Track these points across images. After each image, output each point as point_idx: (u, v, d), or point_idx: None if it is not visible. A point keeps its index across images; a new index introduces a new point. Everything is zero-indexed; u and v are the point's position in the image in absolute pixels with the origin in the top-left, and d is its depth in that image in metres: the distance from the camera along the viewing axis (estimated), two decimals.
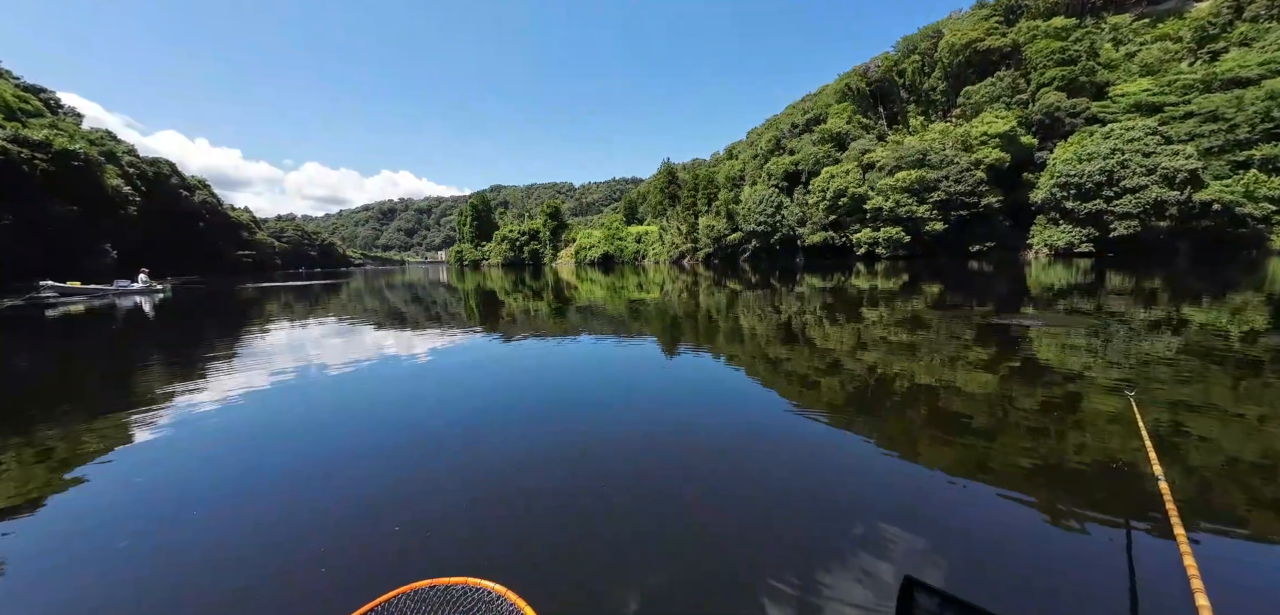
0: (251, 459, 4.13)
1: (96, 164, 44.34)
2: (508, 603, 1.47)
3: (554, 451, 4.09)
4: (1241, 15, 49.64)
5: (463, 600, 1.51)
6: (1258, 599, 2.21)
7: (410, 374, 7.10)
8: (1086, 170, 40.62)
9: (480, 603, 1.50)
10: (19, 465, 4.05)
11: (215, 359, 8.34)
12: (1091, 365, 6.09)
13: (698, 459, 3.86)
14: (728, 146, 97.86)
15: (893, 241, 49.37)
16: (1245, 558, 2.49)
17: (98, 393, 6.57)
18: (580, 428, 4.67)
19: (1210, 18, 50.82)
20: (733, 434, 4.40)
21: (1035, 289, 16.16)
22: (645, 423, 4.73)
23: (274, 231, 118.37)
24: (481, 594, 1.50)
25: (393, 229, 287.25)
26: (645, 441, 4.26)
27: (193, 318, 15.70)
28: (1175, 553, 1.28)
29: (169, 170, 68.29)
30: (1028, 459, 3.60)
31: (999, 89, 54.97)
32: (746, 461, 3.77)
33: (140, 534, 2.99)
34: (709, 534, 2.79)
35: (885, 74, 71.38)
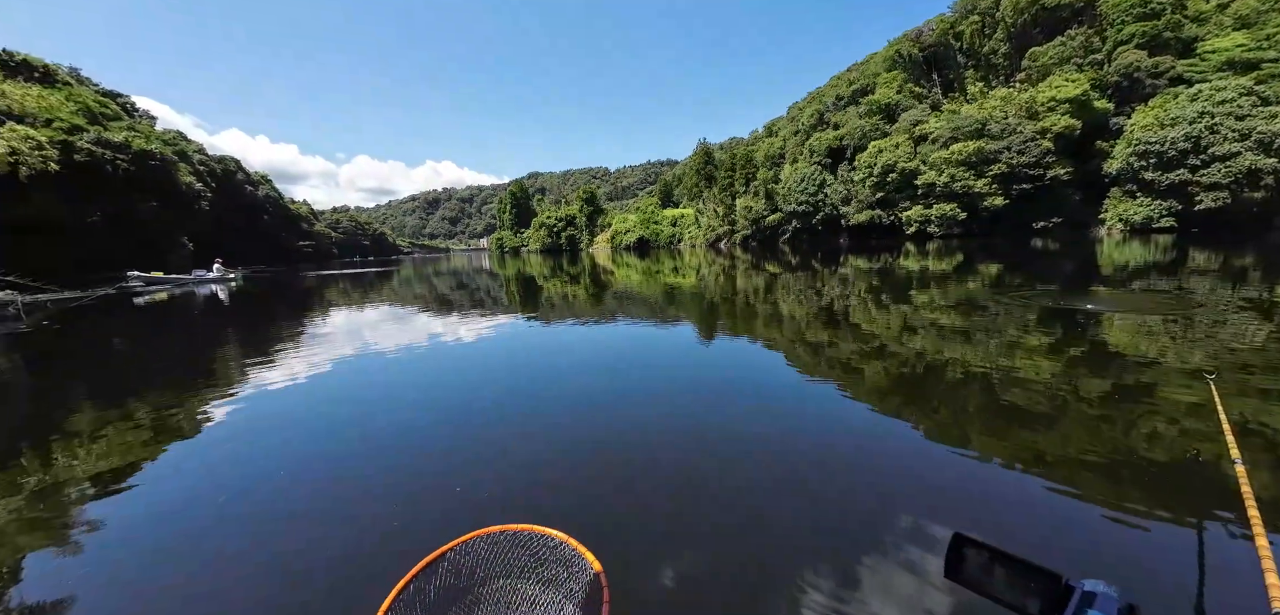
0: (329, 425, 4.59)
1: (171, 163, 48.09)
2: (570, 549, 1.61)
3: (599, 427, 4.25)
4: None
5: (530, 544, 1.67)
6: None
7: (462, 353, 7.50)
8: (1169, 136, 36.88)
9: (546, 548, 1.66)
10: (134, 431, 4.54)
11: (292, 339, 9.00)
12: (1168, 350, 5.61)
13: (737, 439, 3.85)
14: (767, 124, 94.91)
15: (946, 219, 46.72)
16: None
17: (195, 369, 7.23)
18: (621, 405, 4.78)
19: None
20: (772, 415, 4.35)
21: (1107, 268, 14.97)
22: (683, 401, 4.78)
23: (330, 223, 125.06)
24: (546, 540, 1.65)
25: (438, 218, 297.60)
26: (684, 418, 4.32)
27: (265, 304, 16.93)
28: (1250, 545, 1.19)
29: (235, 167, 73.20)
30: (1092, 449, 3.38)
31: (1070, 49, 50.41)
32: (786, 442, 3.73)
33: (242, 492, 3.41)
34: (750, 508, 2.80)
35: (940, 37, 66.58)
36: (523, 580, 1.69)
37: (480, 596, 1.66)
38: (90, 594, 2.43)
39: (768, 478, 3.27)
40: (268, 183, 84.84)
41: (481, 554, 1.66)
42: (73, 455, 4.12)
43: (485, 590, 1.67)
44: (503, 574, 1.69)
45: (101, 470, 3.81)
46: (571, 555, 1.60)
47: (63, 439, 4.49)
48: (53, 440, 4.47)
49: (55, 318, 13.54)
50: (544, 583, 1.67)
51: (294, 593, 2.36)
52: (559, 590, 1.64)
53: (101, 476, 3.70)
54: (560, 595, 1.64)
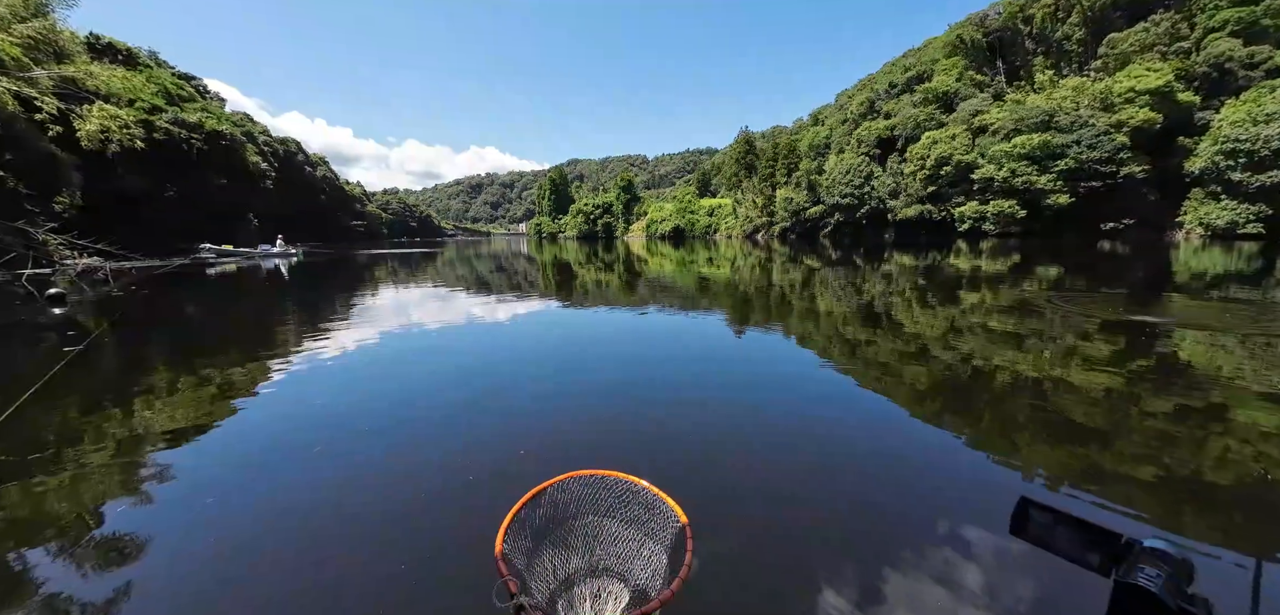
0: (407, 386, 5.06)
1: (239, 142, 51.29)
2: (652, 495, 1.82)
3: (634, 409, 4.33)
4: None
5: (616, 488, 1.91)
6: None
7: (513, 330, 7.89)
8: (1261, 134, 33.33)
9: (630, 493, 1.89)
10: (229, 386, 4.97)
11: (360, 313, 9.58)
12: (1244, 368, 5.16)
13: (767, 434, 3.83)
14: (813, 112, 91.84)
15: (1004, 216, 43.98)
16: None
17: (276, 334, 7.82)
18: (655, 392, 4.82)
19: None
20: (805, 416, 4.29)
21: (1182, 276, 13.80)
22: (714, 390, 4.77)
23: (381, 204, 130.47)
24: (631, 486, 1.89)
25: (480, 202, 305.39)
26: (717, 408, 4.34)
27: (327, 279, 17.95)
28: None
29: (296, 148, 77.34)
30: (1147, 469, 3.18)
31: (1154, 35, 46.11)
32: (821, 442, 3.68)
33: (330, 441, 3.81)
34: (787, 502, 2.80)
35: (1008, 21, 61.92)
36: (609, 518, 1.94)
37: (573, 527, 1.94)
38: (172, 536, 2.69)
39: (807, 465, 3.27)
40: (325, 164, 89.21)
41: (575, 492, 1.91)
42: (154, 409, 4.55)
43: (577, 522, 1.94)
44: (592, 510, 1.95)
45: (190, 421, 4.19)
46: (654, 500, 1.82)
47: (150, 394, 4.95)
48: (137, 394, 4.94)
49: (139, 284, 14.82)
50: (627, 521, 1.92)
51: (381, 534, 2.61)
52: (640, 529, 1.89)
53: (193, 426, 4.08)
54: (641, 533, 1.88)
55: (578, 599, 1.84)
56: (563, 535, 1.92)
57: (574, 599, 1.84)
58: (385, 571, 2.33)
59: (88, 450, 3.69)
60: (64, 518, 2.84)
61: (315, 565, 2.42)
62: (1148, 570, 0.62)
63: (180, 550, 2.56)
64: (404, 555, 2.44)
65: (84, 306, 10.62)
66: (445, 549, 2.52)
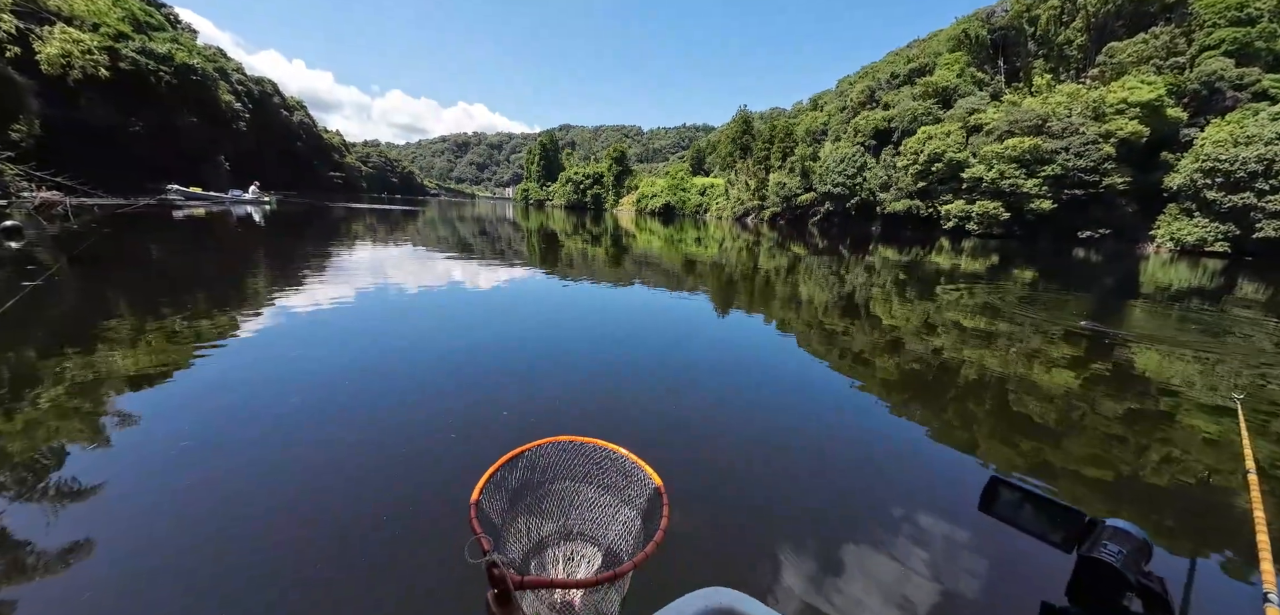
0: (386, 343, 5.01)
1: (212, 79, 48.82)
2: (630, 462, 1.83)
3: (618, 361, 4.34)
4: None
5: (594, 455, 1.90)
6: None
7: (493, 296, 7.74)
8: (1240, 155, 34.33)
9: (608, 459, 1.88)
10: (199, 334, 4.82)
11: (334, 268, 9.34)
12: (1196, 379, 5.40)
13: (742, 411, 3.90)
14: (813, 96, 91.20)
15: (987, 217, 44.73)
16: None
17: (248, 284, 7.59)
18: (636, 365, 4.83)
19: None
20: (780, 394, 4.37)
21: (1148, 287, 14.29)
22: (694, 367, 4.82)
23: (361, 156, 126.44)
24: (608, 453, 1.88)
25: (465, 162, 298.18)
26: (696, 383, 4.39)
27: (302, 230, 17.42)
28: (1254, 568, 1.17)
29: (272, 89, 74.04)
30: (1097, 468, 3.33)
31: (1152, 48, 46.58)
32: (790, 425, 3.76)
33: (305, 393, 3.79)
34: (754, 480, 2.86)
35: (1014, 19, 61.64)
36: (586, 484, 1.95)
37: (549, 491, 1.95)
38: (125, 485, 2.64)
39: (778, 444, 3.34)
40: (302, 109, 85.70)
41: (552, 457, 1.91)
42: (118, 353, 4.40)
43: (554, 486, 1.95)
44: (568, 476, 1.95)
45: (157, 366, 4.07)
46: (631, 467, 1.82)
47: (112, 338, 4.79)
48: (99, 336, 4.77)
49: (101, 222, 14.19)
50: (604, 488, 1.92)
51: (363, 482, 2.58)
52: (618, 496, 1.90)
53: (162, 372, 3.96)
54: (618, 500, 1.89)
55: (550, 561, 1.86)
56: (538, 499, 1.92)
57: (546, 561, 1.86)
58: (364, 524, 2.33)
59: (44, 392, 3.56)
60: (15, 460, 2.75)
61: (292, 519, 2.40)
62: (1110, 545, 0.66)
63: (140, 501, 2.50)
64: (384, 508, 2.44)
65: (42, 242, 10.15)
66: (425, 504, 2.54)
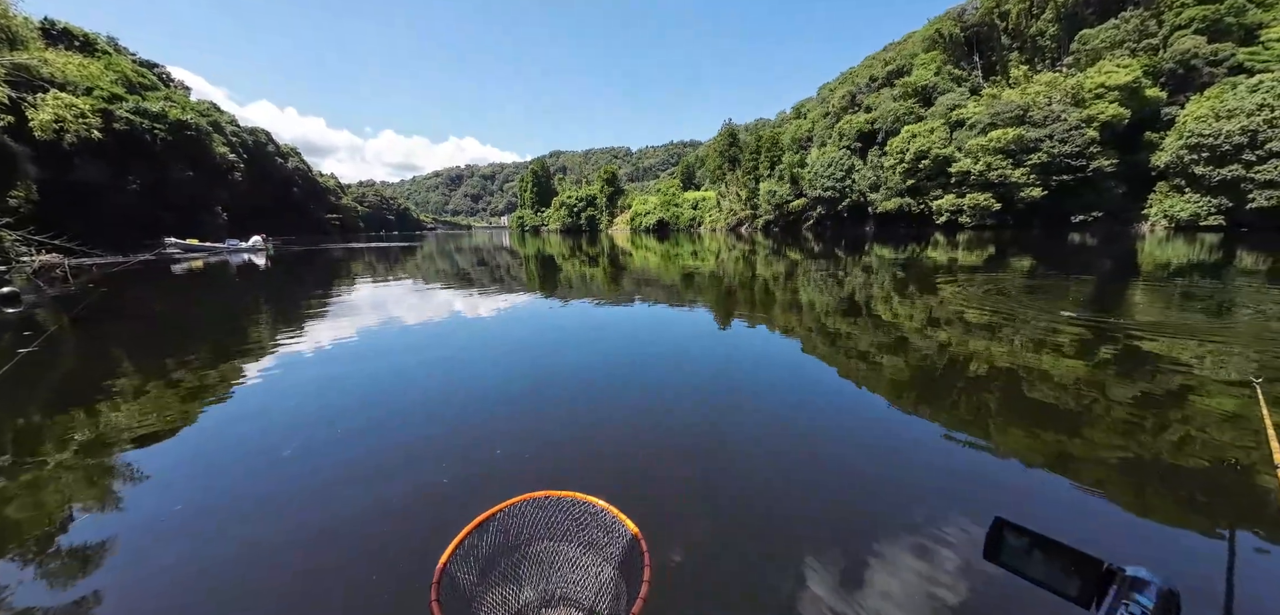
0: (370, 392, 4.84)
1: (205, 133, 49.44)
2: (610, 515, 1.70)
3: (621, 403, 4.32)
4: None
5: (572, 510, 1.77)
6: None
7: (489, 327, 7.70)
8: (1225, 129, 34.71)
9: (587, 514, 1.75)
10: (196, 387, 4.77)
11: (327, 311, 9.29)
12: (1207, 355, 5.36)
13: (751, 424, 3.84)
14: (795, 105, 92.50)
15: (979, 209, 45.09)
16: None
17: (246, 332, 7.54)
18: (643, 385, 4.81)
19: None
20: (786, 403, 4.32)
21: (1147, 267, 14.31)
22: (705, 379, 4.79)
23: (357, 196, 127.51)
24: (587, 507, 1.75)
25: (460, 195, 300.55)
26: (707, 395, 4.38)
27: (300, 274, 17.44)
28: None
29: (266, 139, 74.92)
30: (1118, 453, 3.28)
31: (1123, 32, 47.55)
32: (802, 431, 3.70)
33: (301, 445, 3.68)
34: (774, 484, 2.81)
35: (985, 16, 63.15)
36: (565, 543, 1.80)
37: (526, 555, 1.79)
38: (132, 547, 2.58)
39: (788, 459, 3.30)
40: (296, 155, 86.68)
41: (528, 516, 1.77)
42: (118, 411, 4.35)
43: (531, 549, 1.79)
44: (547, 536, 1.80)
45: (154, 424, 4.02)
46: (611, 521, 1.69)
47: (110, 396, 4.74)
48: (100, 397, 4.72)
49: (99, 281, 14.19)
50: (585, 545, 1.78)
51: (354, 544, 2.52)
52: (599, 553, 1.75)
53: (158, 429, 3.91)
54: (600, 558, 1.75)
55: None
56: (515, 564, 1.77)
57: None
58: (354, 582, 2.27)
59: (44, 454, 3.51)
60: (17, 525, 2.69)
61: (283, 578, 2.34)
62: (1138, 600, 0.58)
63: (141, 562, 2.45)
64: (375, 566, 2.36)
65: (42, 306, 10.13)
66: (426, 557, 2.46)
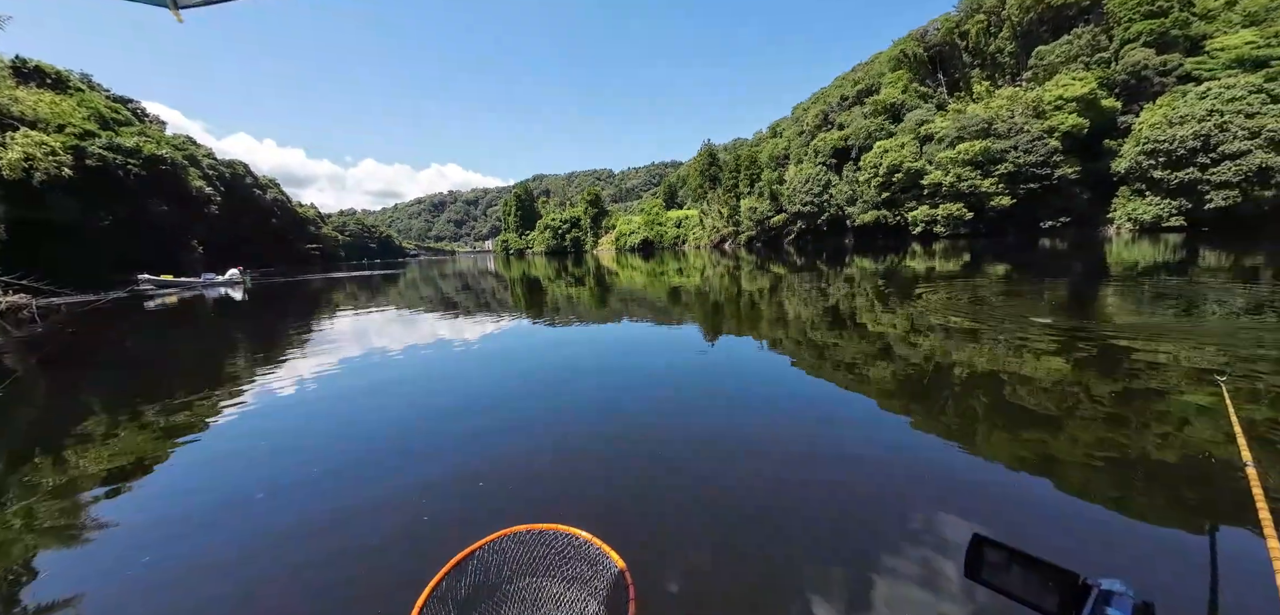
0: (350, 425, 4.69)
1: (181, 167, 48.68)
2: (595, 548, 1.65)
3: (614, 425, 4.29)
4: None
5: (556, 543, 1.71)
6: None
7: (474, 353, 7.58)
8: (1178, 135, 36.53)
9: (571, 547, 1.70)
10: (168, 429, 4.63)
11: (306, 343, 9.12)
12: (1176, 354, 5.59)
13: (749, 439, 3.88)
14: (771, 125, 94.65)
15: (953, 219, 46.48)
16: None
17: (220, 369, 7.34)
18: (633, 404, 4.82)
19: None
20: (779, 416, 4.38)
21: (1116, 268, 14.87)
22: (693, 400, 4.81)
23: (337, 226, 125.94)
24: (571, 539, 1.69)
25: (443, 220, 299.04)
26: (696, 417, 4.37)
27: (278, 307, 17.10)
28: (1262, 546, 1.20)
29: (243, 171, 73.87)
30: (1102, 451, 3.39)
31: (1077, 47, 50.07)
32: (796, 450, 3.76)
33: (275, 488, 3.51)
34: (766, 506, 2.83)
35: (945, 37, 66.28)
36: (549, 578, 1.73)
37: (508, 593, 1.71)
38: (99, 602, 2.49)
39: (781, 477, 3.31)
40: (275, 186, 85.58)
41: (510, 552, 1.70)
42: (86, 457, 4.21)
43: (513, 587, 1.72)
44: (530, 572, 1.73)
45: (123, 469, 3.89)
46: (597, 554, 1.64)
47: (77, 441, 4.58)
48: (67, 442, 4.56)
49: (70, 321, 13.74)
50: (569, 580, 1.71)
51: (331, 589, 2.44)
52: (584, 588, 1.69)
53: (127, 475, 3.78)
54: (585, 592, 1.68)
55: None
56: (496, 605, 1.67)
57: None
58: None
59: (4, 502, 3.38)
60: None
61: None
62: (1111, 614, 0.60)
63: None
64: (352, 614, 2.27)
65: (9, 347, 9.77)
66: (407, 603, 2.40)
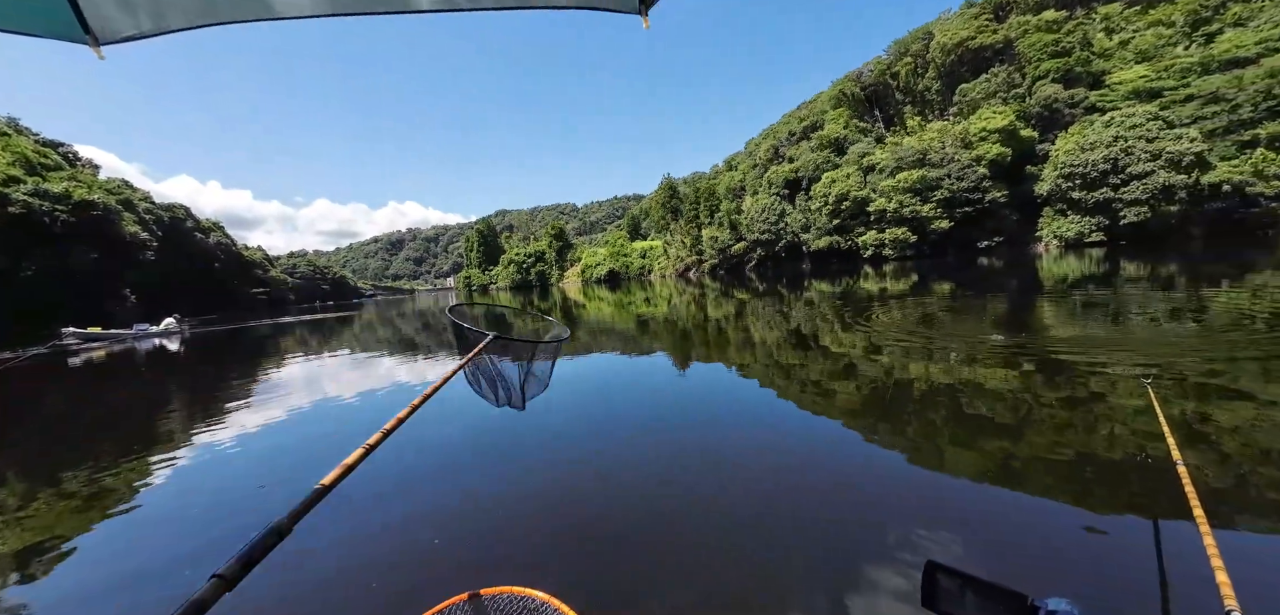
0: (291, 487, 4.27)
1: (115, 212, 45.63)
2: (552, 608, 1.54)
3: (578, 466, 4.16)
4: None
5: (510, 607, 1.58)
6: None
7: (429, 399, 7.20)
8: (1090, 159, 40.40)
9: (527, 609, 1.57)
10: (93, 496, 4.17)
11: (242, 394, 8.51)
12: (1111, 363, 6.06)
13: (717, 470, 3.89)
14: (727, 159, 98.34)
15: (899, 242, 49.22)
16: (1270, 540, 2.49)
17: (153, 427, 6.73)
18: (601, 443, 4.72)
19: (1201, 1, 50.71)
20: (749, 443, 4.43)
21: (1048, 282, 16.05)
22: (661, 435, 4.77)
23: (287, 268, 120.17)
24: (528, 602, 1.57)
25: (402, 259, 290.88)
26: (663, 453, 4.32)
27: (218, 356, 15.99)
28: (1199, 539, 1.31)
29: (183, 214, 69.92)
30: (1050, 456, 3.61)
31: (994, 85, 55.07)
32: (764, 468, 3.80)
33: (203, 560, 3.14)
34: (734, 540, 2.83)
35: (879, 78, 71.86)
36: None
37: None
38: None
39: (748, 508, 3.31)
40: (219, 229, 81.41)
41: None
42: (10, 528, 3.76)
43: None
44: None
45: (35, 550, 3.49)
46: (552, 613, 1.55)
47: None
48: None
49: None
50: None
51: None
52: None
53: (42, 550, 3.39)
54: None
55: None
56: None
57: None
58: None
59: None
60: None
61: None
62: None
63: None
64: None
65: None
66: None
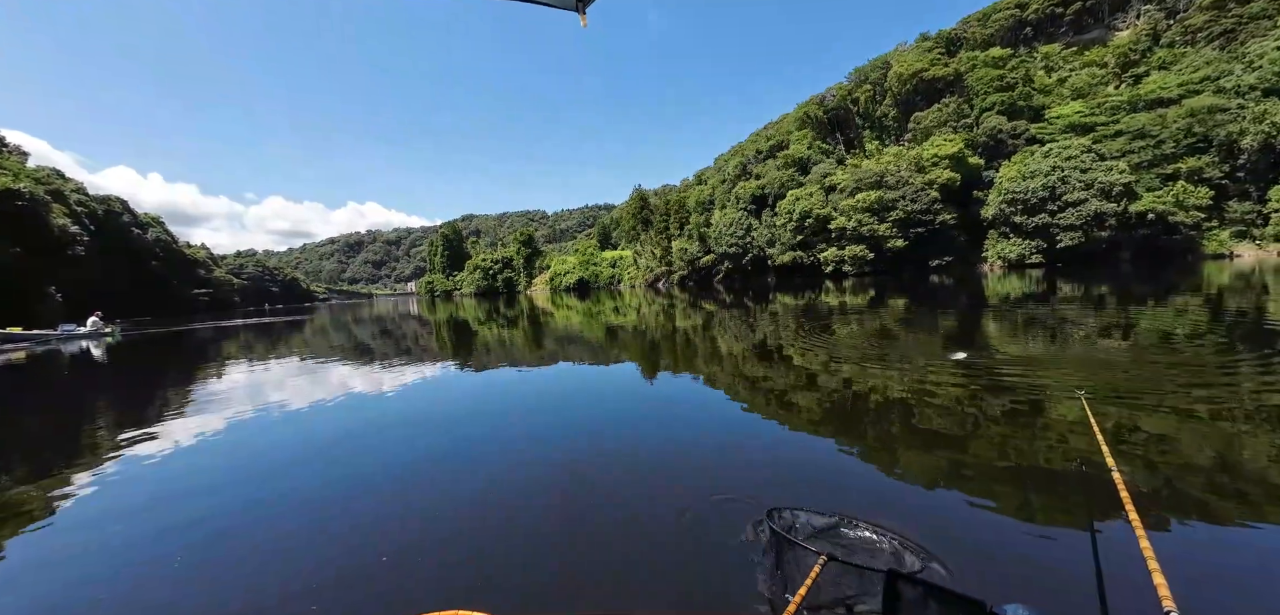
0: (227, 500, 3.95)
1: (42, 203, 42.09)
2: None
3: (537, 478, 4.07)
4: (1158, 42, 54.60)
5: None
6: (1212, 575, 2.39)
7: (383, 408, 6.92)
8: (1030, 187, 43.31)
9: None
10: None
11: (175, 403, 7.93)
12: (1049, 377, 6.45)
13: (681, 479, 3.89)
14: (696, 173, 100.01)
15: (858, 259, 51.13)
16: (1199, 538, 2.69)
17: (75, 438, 6.15)
18: (563, 455, 4.64)
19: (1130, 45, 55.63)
20: (712, 450, 4.47)
21: (993, 299, 17.00)
22: (626, 446, 4.74)
23: (233, 268, 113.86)
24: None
25: (360, 262, 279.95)
26: (627, 465, 4.28)
27: (146, 362, 14.89)
28: (1135, 541, 1.39)
29: (120, 208, 65.24)
30: (999, 464, 3.79)
31: (945, 114, 58.44)
32: (727, 475, 3.83)
33: (128, 581, 2.85)
34: (695, 552, 2.83)
35: (840, 102, 75.16)
36: None
37: None
38: None
39: (714, 524, 3.33)
40: (159, 225, 76.44)
41: None
42: None
43: None
44: None
45: None
46: None
47: None
48: None
49: None
50: None
51: None
52: None
53: None
54: None
55: None
56: None
57: None
58: None
59: None
60: None
61: None
62: None
63: None
64: None
65: None
66: None
